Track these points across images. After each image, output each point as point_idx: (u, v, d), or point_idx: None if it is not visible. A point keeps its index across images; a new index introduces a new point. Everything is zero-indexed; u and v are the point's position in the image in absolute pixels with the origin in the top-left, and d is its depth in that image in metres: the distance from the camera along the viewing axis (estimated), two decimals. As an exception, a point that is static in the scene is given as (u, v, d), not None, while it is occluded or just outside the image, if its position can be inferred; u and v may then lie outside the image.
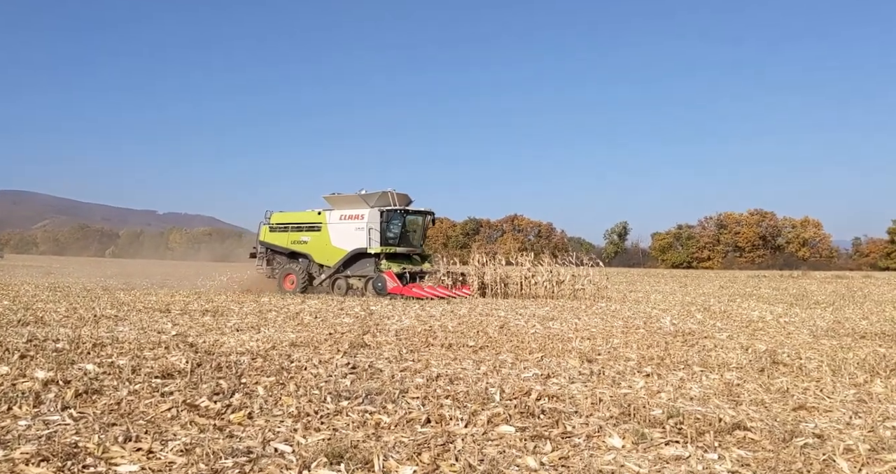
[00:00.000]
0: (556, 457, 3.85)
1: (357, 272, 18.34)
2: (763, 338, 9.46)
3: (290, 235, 19.86)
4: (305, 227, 19.57)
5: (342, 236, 18.56)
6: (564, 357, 7.37)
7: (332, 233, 18.85)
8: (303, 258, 19.52)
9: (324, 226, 19.07)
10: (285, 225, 20.11)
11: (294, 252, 19.69)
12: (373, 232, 17.79)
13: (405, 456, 3.82)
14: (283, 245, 19.96)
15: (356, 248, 18.05)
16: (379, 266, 17.70)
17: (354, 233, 18.21)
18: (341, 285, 18.64)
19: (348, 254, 18.23)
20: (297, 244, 19.62)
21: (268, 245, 20.49)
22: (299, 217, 19.95)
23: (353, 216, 18.46)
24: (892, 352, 7.88)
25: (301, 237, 19.59)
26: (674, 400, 5.28)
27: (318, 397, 5.16)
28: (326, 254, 18.84)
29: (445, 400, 5.13)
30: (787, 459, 3.83)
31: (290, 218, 20.17)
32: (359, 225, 18.13)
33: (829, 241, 77.53)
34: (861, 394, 5.53)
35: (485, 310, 13.22)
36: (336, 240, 18.66)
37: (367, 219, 17.97)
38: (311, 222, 19.49)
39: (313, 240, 19.23)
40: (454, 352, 7.73)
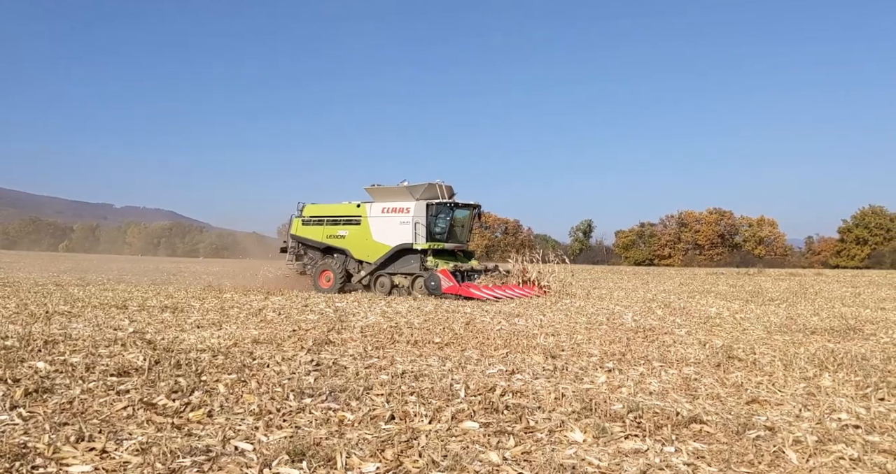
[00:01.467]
0: (518, 452, 3.89)
1: (401, 269, 17.03)
2: (720, 333, 9.74)
3: (326, 229, 18.43)
4: (343, 221, 18.14)
5: (384, 230, 17.20)
6: (529, 353, 7.45)
7: (373, 227, 17.44)
8: (339, 253, 18.17)
9: (364, 219, 17.64)
10: (320, 218, 18.68)
11: (330, 247, 18.31)
12: (419, 226, 16.49)
13: (369, 453, 3.80)
14: (318, 239, 18.54)
15: (400, 244, 16.78)
16: (425, 263, 16.48)
17: (398, 228, 16.89)
18: (384, 283, 17.28)
19: (391, 250, 16.92)
20: (334, 239, 18.20)
21: (300, 239, 19.04)
22: (336, 209, 18.55)
23: (397, 209, 17.08)
24: (840, 347, 8.22)
25: (338, 231, 18.17)
26: (634, 395, 5.39)
27: (280, 395, 5.09)
28: (366, 250, 17.49)
29: (410, 396, 5.13)
30: (739, 451, 3.96)
31: (326, 210, 18.78)
32: (403, 218, 16.82)
33: (784, 240, 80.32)
34: (810, 388, 5.75)
35: (451, 307, 13.24)
36: (378, 235, 17.30)
37: (413, 212, 16.66)
38: (349, 215, 18.06)
39: (352, 235, 17.85)
40: (420, 348, 7.73)
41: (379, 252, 17.20)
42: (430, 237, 16.64)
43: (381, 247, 17.20)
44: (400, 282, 17.02)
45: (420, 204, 16.70)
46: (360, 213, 17.80)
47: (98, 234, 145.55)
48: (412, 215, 16.69)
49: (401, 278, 17.02)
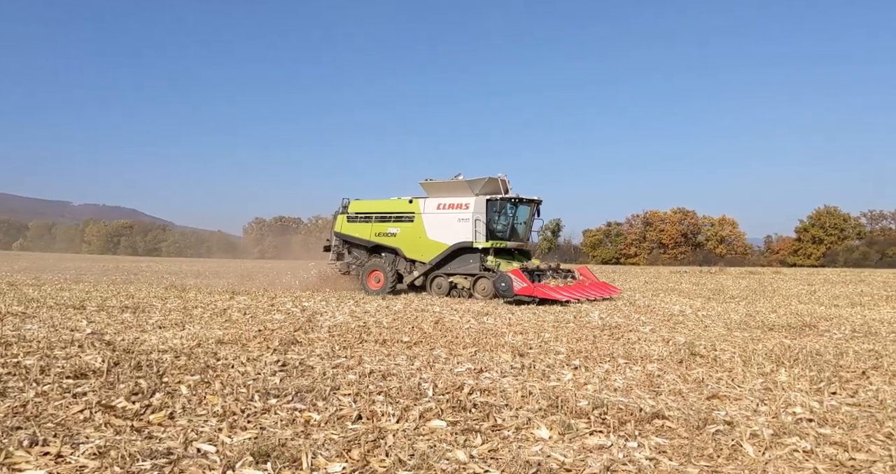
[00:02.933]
0: (485, 450, 3.91)
1: (459, 269, 15.97)
2: (683, 330, 9.96)
3: (375, 226, 17.37)
4: (394, 217, 17.10)
5: (440, 228, 16.08)
6: (497, 351, 7.49)
7: (427, 225, 16.35)
8: (388, 252, 17.18)
9: (417, 216, 16.56)
10: (368, 214, 17.65)
11: (379, 245, 17.28)
12: (479, 223, 15.40)
13: (335, 453, 3.77)
14: (366, 237, 17.50)
15: (459, 242, 15.72)
16: (485, 262, 15.56)
17: (457, 225, 15.77)
18: (442, 284, 16.19)
19: (449, 249, 15.86)
20: (384, 237, 17.13)
21: (345, 237, 18.05)
22: (386, 205, 17.47)
23: (454, 205, 15.94)
24: (796, 343, 8.50)
25: (388, 229, 17.10)
26: (599, 392, 5.48)
27: (245, 395, 5.01)
28: (420, 249, 16.44)
29: (378, 396, 5.11)
30: (699, 445, 4.06)
31: (375, 206, 17.74)
32: (462, 215, 15.71)
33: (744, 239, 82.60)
34: (767, 383, 5.93)
35: (420, 306, 13.23)
36: (433, 233, 16.19)
37: (473, 208, 15.56)
38: (401, 211, 17.01)
39: (404, 232, 16.79)
40: (388, 347, 7.70)
41: (434, 251, 16.17)
42: (492, 235, 15.64)
43: (436, 246, 16.16)
44: (459, 284, 15.97)
45: (480, 199, 15.65)
46: (413, 210, 16.72)
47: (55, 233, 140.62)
48: (472, 211, 15.59)
49: (460, 279, 15.96)
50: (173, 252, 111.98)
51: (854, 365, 6.82)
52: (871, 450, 4.00)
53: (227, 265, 52.18)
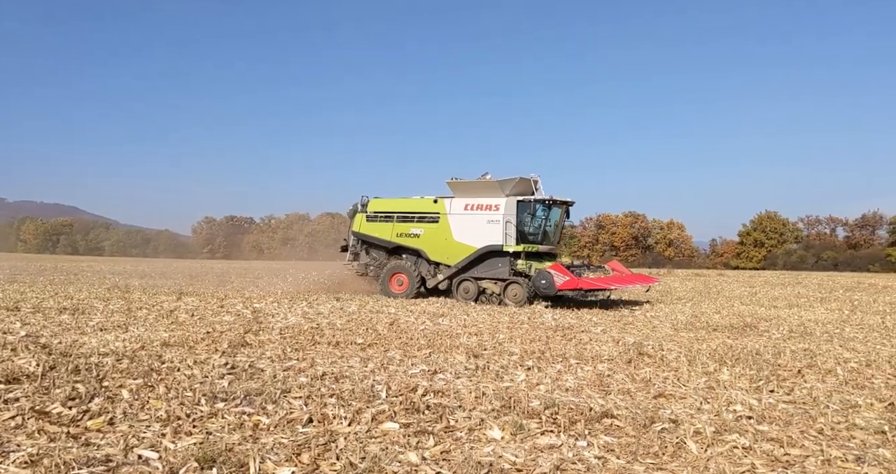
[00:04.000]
0: (437, 452, 3.91)
1: (487, 273, 15.21)
2: (632, 331, 10.23)
3: (396, 226, 16.51)
4: (417, 217, 16.28)
5: (468, 230, 15.29)
6: (452, 352, 7.51)
7: (453, 226, 15.53)
8: (410, 254, 16.40)
9: (443, 216, 15.74)
10: (389, 214, 16.76)
11: (400, 246, 16.46)
12: (509, 226, 14.71)
13: (284, 457, 3.69)
14: (386, 237, 16.64)
15: (488, 245, 14.94)
16: (515, 267, 14.85)
17: (486, 227, 15.02)
18: (469, 289, 15.36)
19: (476, 252, 15.08)
20: (406, 237, 16.28)
21: (363, 237, 17.15)
22: (409, 204, 16.61)
23: (483, 206, 15.16)
24: (737, 343, 8.84)
25: (411, 229, 16.25)
26: (551, 392, 5.56)
27: (191, 399, 4.85)
28: (446, 251, 15.63)
29: (330, 398, 5.03)
30: (646, 443, 4.17)
31: (396, 205, 16.86)
32: (492, 217, 14.94)
33: (691, 242, 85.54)
34: (711, 382, 6.15)
35: (375, 307, 13.12)
36: (459, 235, 15.40)
37: (504, 209, 14.80)
38: (425, 211, 16.16)
39: (428, 234, 15.98)
40: (341, 349, 7.61)
41: (460, 254, 15.39)
42: (522, 238, 14.95)
43: (463, 249, 15.36)
44: (489, 289, 15.22)
45: (511, 200, 14.90)
46: (439, 210, 15.90)
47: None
48: (502, 213, 14.82)
49: (489, 284, 15.21)
50: (117, 251, 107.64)
51: (790, 364, 7.14)
52: (804, 446, 4.19)
53: (175, 265, 50.53)
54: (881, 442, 4.31)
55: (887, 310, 15.34)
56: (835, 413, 5.02)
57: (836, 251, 68.21)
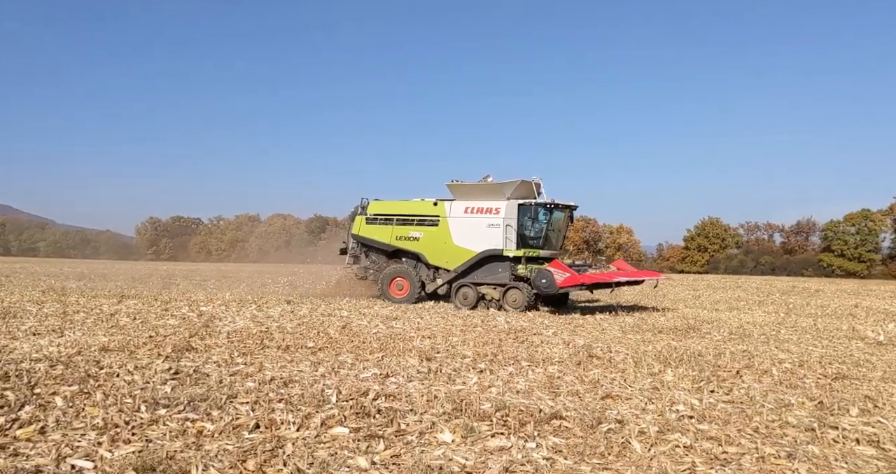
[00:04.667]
0: (388, 456, 3.88)
1: (486, 279, 14.88)
2: (582, 333, 10.44)
3: (396, 229, 16.12)
4: (416, 220, 15.89)
5: (468, 233, 14.96)
6: (405, 356, 7.47)
7: (453, 229, 15.18)
8: (410, 258, 16.05)
9: (443, 219, 15.36)
10: (389, 216, 16.36)
11: (400, 250, 16.10)
12: (510, 229, 14.40)
13: (228, 464, 3.59)
14: (385, 240, 16.23)
15: (488, 249, 14.64)
16: (516, 272, 14.55)
17: (486, 231, 14.68)
18: (468, 295, 14.95)
19: (476, 257, 14.77)
20: (405, 241, 15.91)
21: (363, 239, 16.77)
22: (409, 207, 16.26)
23: (484, 209, 14.83)
24: (681, 345, 9.15)
25: (410, 232, 15.87)
26: (502, 394, 5.60)
27: (130, 406, 4.66)
28: (445, 255, 15.29)
29: (278, 404, 4.93)
30: (593, 444, 4.26)
31: (397, 208, 16.48)
32: (493, 220, 14.62)
33: (639, 246, 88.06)
34: (655, 383, 6.34)
35: (327, 310, 12.94)
36: (459, 238, 15.06)
37: (504, 213, 14.49)
38: (424, 214, 15.79)
39: (427, 237, 15.60)
40: (291, 353, 7.47)
41: (460, 258, 15.08)
42: (523, 242, 14.63)
43: (462, 253, 15.05)
44: (488, 294, 14.88)
45: (512, 204, 14.59)
46: (438, 213, 15.53)
47: None
48: (503, 217, 14.53)
49: (489, 289, 14.88)
50: (53, 252, 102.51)
51: (730, 365, 7.44)
52: (741, 444, 4.37)
53: (117, 267, 48.53)
54: (811, 438, 4.54)
55: (818, 312, 16.19)
56: (769, 412, 5.25)
57: (773, 256, 71.53)
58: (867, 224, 68.35)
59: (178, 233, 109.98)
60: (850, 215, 70.09)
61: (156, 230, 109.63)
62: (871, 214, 69.04)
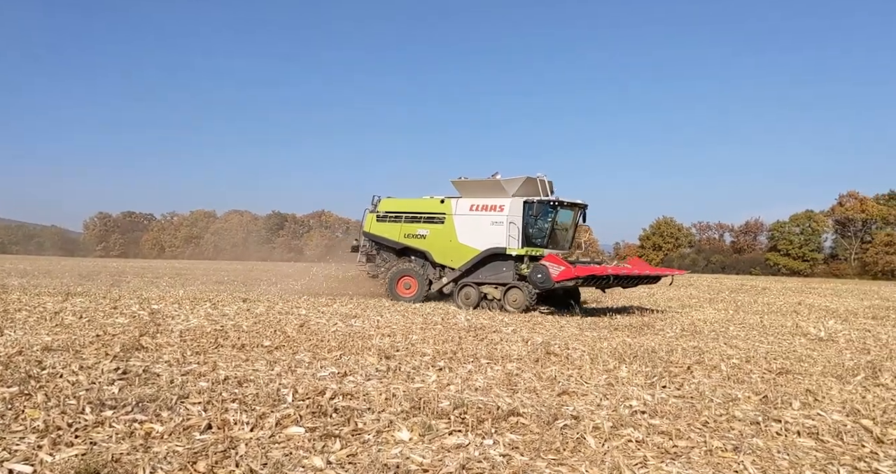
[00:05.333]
0: (344, 455, 3.84)
1: (490, 278, 14.55)
2: (541, 331, 10.58)
3: (404, 227, 15.93)
4: (424, 218, 15.67)
5: (472, 231, 14.71)
6: (363, 354, 7.41)
7: (458, 227, 14.95)
8: (417, 256, 15.82)
9: (448, 217, 15.15)
10: (398, 214, 16.19)
11: (408, 247, 15.89)
12: (513, 227, 14.12)
13: (178, 466, 3.49)
14: (394, 238, 16.06)
15: (491, 248, 14.36)
16: (519, 271, 14.16)
17: (490, 229, 14.41)
18: (470, 294, 14.69)
19: (480, 255, 14.49)
20: (412, 238, 15.71)
21: (373, 237, 16.55)
22: (416, 204, 16.06)
23: (488, 206, 14.58)
24: (636, 342, 9.37)
25: (417, 230, 15.66)
26: (461, 392, 5.62)
27: (74, 407, 4.48)
28: (450, 253, 15.02)
29: (231, 404, 4.82)
30: (549, 440, 4.31)
31: (405, 205, 16.30)
32: (496, 218, 14.36)
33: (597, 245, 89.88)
34: (610, 379, 6.47)
35: (285, 309, 12.72)
36: (464, 236, 14.83)
37: (509, 210, 14.21)
38: (431, 212, 15.59)
39: (433, 235, 15.35)
40: (246, 352, 7.31)
41: (464, 256, 14.81)
42: (528, 241, 14.28)
43: (467, 251, 14.78)
44: (490, 294, 14.54)
45: (516, 201, 14.30)
46: (445, 210, 15.32)
47: None
48: (506, 214, 14.26)
49: (490, 289, 14.54)
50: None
51: (681, 361, 7.66)
52: (690, 438, 4.50)
53: (63, 263, 46.57)
54: (756, 432, 4.72)
55: (765, 310, 16.85)
56: (718, 406, 5.43)
57: (723, 255, 74.13)
58: (811, 224, 71.55)
59: (129, 228, 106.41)
60: (794, 216, 73.23)
61: (105, 226, 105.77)
62: (815, 215, 72.32)
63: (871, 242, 67.33)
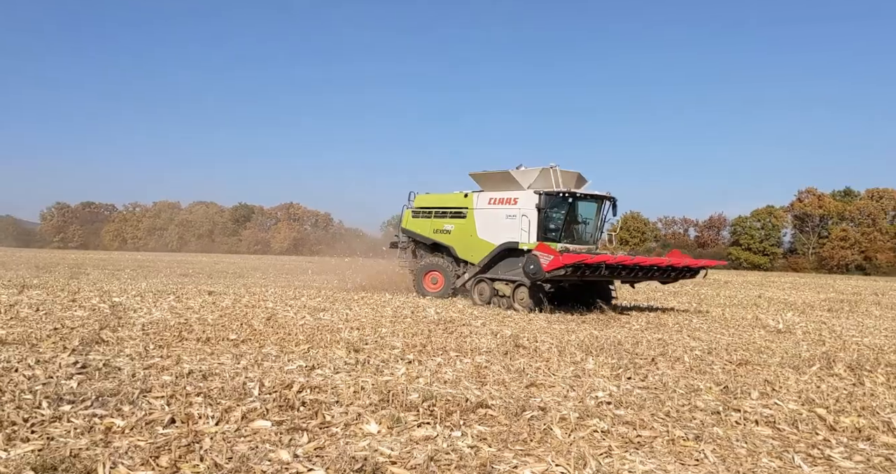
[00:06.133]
0: (311, 448, 3.81)
1: (507, 273, 13.79)
2: (510, 324, 10.66)
3: (433, 222, 15.68)
4: (450, 213, 15.34)
5: (490, 226, 14.25)
6: (332, 347, 7.36)
7: (478, 221, 14.50)
8: (445, 251, 15.50)
9: (469, 211, 14.77)
10: (429, 209, 15.96)
11: (436, 243, 15.63)
12: (526, 221, 13.45)
13: (139, 461, 3.41)
14: (426, 234, 15.85)
15: (506, 242, 13.75)
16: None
17: (504, 223, 13.88)
18: (484, 290, 14.13)
19: (496, 250, 13.96)
20: (440, 234, 15.44)
21: (410, 233, 16.40)
22: (444, 199, 15.74)
23: (504, 200, 14.10)
24: (602, 334, 9.53)
25: (444, 225, 15.37)
26: (430, 384, 5.63)
27: (30, 402, 4.34)
28: (471, 248, 14.57)
29: (196, 397, 4.73)
30: (516, 431, 4.36)
31: (435, 200, 16.00)
32: (511, 211, 13.80)
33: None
34: (577, 371, 6.57)
35: (251, 302, 12.52)
36: (482, 231, 14.37)
37: (522, 203, 13.64)
38: (455, 207, 15.21)
39: (457, 230, 15.01)
40: (212, 346, 7.18)
41: (483, 251, 14.28)
42: (542, 235, 13.47)
43: (485, 246, 14.27)
44: (500, 290, 13.81)
45: (529, 193, 13.64)
46: (467, 204, 14.93)
47: None
48: (520, 207, 13.67)
49: (502, 285, 13.78)
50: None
51: (646, 353, 7.83)
52: (654, 427, 4.60)
53: (19, 255, 45.00)
54: (716, 421, 4.85)
55: (727, 303, 17.33)
56: (680, 397, 5.57)
57: (688, 249, 75.88)
58: (771, 220, 73.74)
59: (88, 219, 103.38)
60: (755, 211, 75.40)
61: (63, 216, 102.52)
62: (775, 211, 74.57)
63: (828, 237, 69.82)
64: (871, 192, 72.76)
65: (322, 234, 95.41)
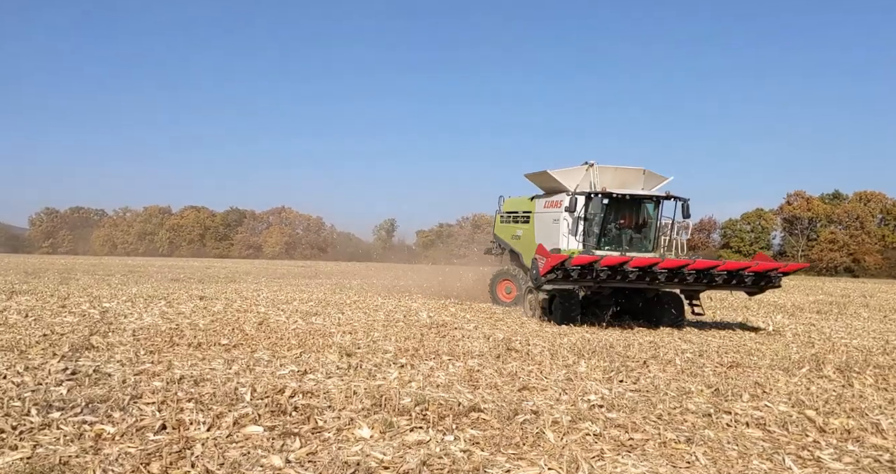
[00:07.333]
0: (303, 453, 3.80)
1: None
2: (502, 328, 10.67)
3: (511, 227, 15.39)
4: (521, 218, 14.99)
5: (544, 230, 13.68)
6: (324, 352, 7.34)
7: (537, 226, 14.04)
8: (519, 258, 15.09)
9: (532, 215, 14.43)
10: (510, 214, 15.65)
11: (512, 249, 15.38)
12: (566, 224, 12.69)
13: (130, 467, 3.39)
14: (506, 239, 15.62)
15: (553, 248, 12.41)
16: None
17: (551, 227, 13.30)
18: (532, 302, 12.76)
19: None
20: (514, 239, 15.15)
21: (498, 239, 16.20)
22: (517, 204, 15.48)
23: (554, 203, 13.52)
24: (594, 337, 9.56)
25: (516, 230, 15.08)
26: (423, 389, 5.63)
27: (19, 409, 4.30)
28: (531, 254, 12.93)
29: (187, 403, 4.71)
30: (509, 434, 4.36)
31: (514, 205, 15.64)
32: (556, 215, 13.21)
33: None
34: (569, 374, 6.59)
35: (243, 306, 12.48)
36: (539, 235, 13.73)
37: (565, 205, 12.66)
38: (523, 211, 14.91)
39: (524, 235, 14.61)
40: (203, 351, 7.15)
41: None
42: (585, 239, 12.35)
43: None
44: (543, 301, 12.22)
45: (573, 196, 12.72)
46: (531, 208, 14.62)
47: None
48: (562, 209, 12.91)
49: (543, 294, 12.15)
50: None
51: (638, 356, 7.86)
52: (645, 430, 4.62)
53: (7, 260, 44.56)
54: (707, 423, 4.88)
55: (718, 305, 17.42)
56: (672, 399, 5.59)
57: (679, 254, 76.30)
58: (760, 223, 74.28)
59: (78, 224, 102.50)
60: (745, 214, 75.88)
61: (52, 221, 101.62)
62: (765, 213, 75.11)
63: (817, 240, 70.40)
64: (859, 195, 73.49)
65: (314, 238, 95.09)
